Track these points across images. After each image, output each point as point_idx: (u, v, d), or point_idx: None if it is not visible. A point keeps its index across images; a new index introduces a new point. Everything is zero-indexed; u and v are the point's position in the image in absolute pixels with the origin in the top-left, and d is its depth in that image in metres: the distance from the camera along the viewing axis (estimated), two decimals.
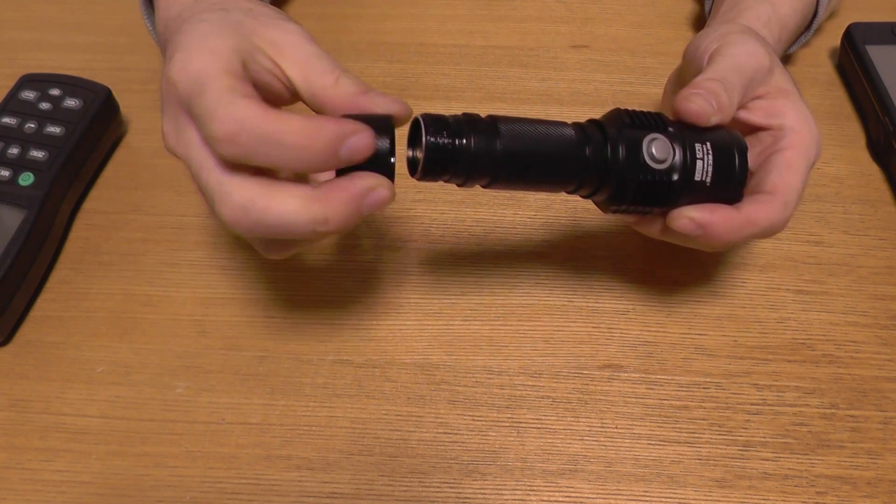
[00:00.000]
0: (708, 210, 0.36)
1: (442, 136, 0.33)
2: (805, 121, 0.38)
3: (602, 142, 0.35)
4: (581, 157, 0.35)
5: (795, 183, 0.37)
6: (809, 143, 0.38)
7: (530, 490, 0.38)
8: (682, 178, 0.36)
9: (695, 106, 0.36)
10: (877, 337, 0.43)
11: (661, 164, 0.35)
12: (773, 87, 0.39)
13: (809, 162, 0.38)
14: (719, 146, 0.37)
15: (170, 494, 0.38)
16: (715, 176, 0.36)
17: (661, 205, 0.37)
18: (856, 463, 0.39)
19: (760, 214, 0.36)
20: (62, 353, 0.43)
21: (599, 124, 0.36)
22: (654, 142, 0.36)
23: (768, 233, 0.37)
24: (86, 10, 0.61)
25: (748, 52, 0.39)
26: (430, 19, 0.60)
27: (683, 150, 0.36)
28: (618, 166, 0.35)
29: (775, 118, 0.38)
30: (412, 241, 0.47)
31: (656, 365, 0.42)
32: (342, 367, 0.42)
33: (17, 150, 0.46)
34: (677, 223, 0.36)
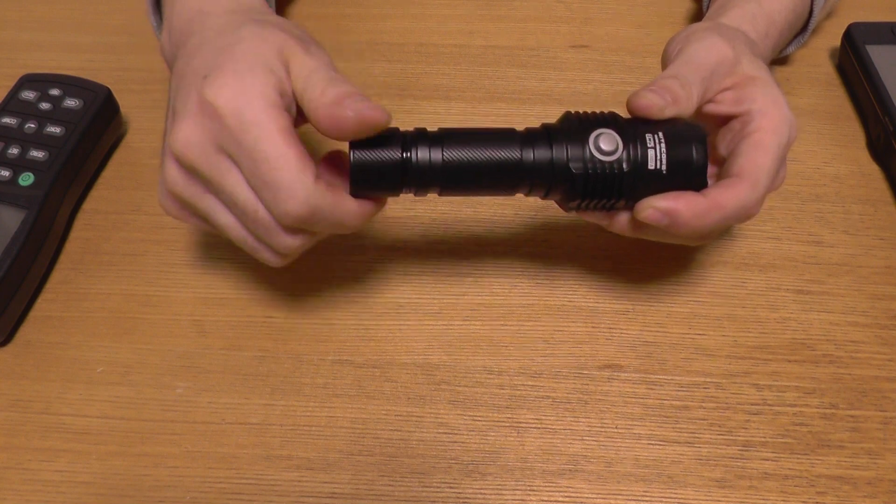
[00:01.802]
0: (672, 197, 0.36)
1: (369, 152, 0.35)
2: (774, 103, 0.38)
3: (546, 144, 0.36)
4: (524, 160, 0.36)
5: (764, 163, 0.37)
6: (779, 124, 0.37)
7: (530, 490, 0.38)
8: (633, 168, 0.36)
9: (644, 100, 0.37)
10: (877, 337, 0.43)
11: (609, 156, 0.36)
12: (741, 77, 0.39)
13: (781, 142, 0.37)
14: (673, 135, 0.37)
15: (170, 494, 0.38)
16: (671, 164, 0.36)
17: (617, 197, 0.37)
18: (856, 463, 0.39)
19: (727, 197, 0.36)
20: (62, 353, 0.43)
21: (549, 128, 0.37)
22: (600, 136, 0.36)
23: (740, 216, 0.37)
24: (86, 10, 0.61)
25: (707, 47, 0.39)
26: (430, 19, 0.60)
27: (633, 140, 0.36)
28: (562, 163, 0.36)
29: (743, 104, 0.38)
30: (412, 241, 0.47)
31: (656, 365, 0.42)
32: (342, 367, 0.42)
33: (17, 150, 0.46)
34: (643, 214, 0.36)
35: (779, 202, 0.49)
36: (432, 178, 0.36)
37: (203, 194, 0.36)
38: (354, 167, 0.35)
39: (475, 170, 0.36)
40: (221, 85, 0.33)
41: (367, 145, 0.35)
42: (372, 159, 0.35)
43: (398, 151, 0.35)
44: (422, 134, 0.36)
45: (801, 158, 0.51)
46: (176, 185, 0.36)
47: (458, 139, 0.36)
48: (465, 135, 0.37)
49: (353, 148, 0.35)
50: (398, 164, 0.35)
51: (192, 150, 0.34)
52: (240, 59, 0.34)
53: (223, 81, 0.33)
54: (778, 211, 0.49)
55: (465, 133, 0.37)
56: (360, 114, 0.33)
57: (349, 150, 0.35)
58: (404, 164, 0.35)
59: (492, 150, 0.36)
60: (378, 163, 0.35)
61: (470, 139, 0.36)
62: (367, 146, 0.35)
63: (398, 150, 0.35)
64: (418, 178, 0.36)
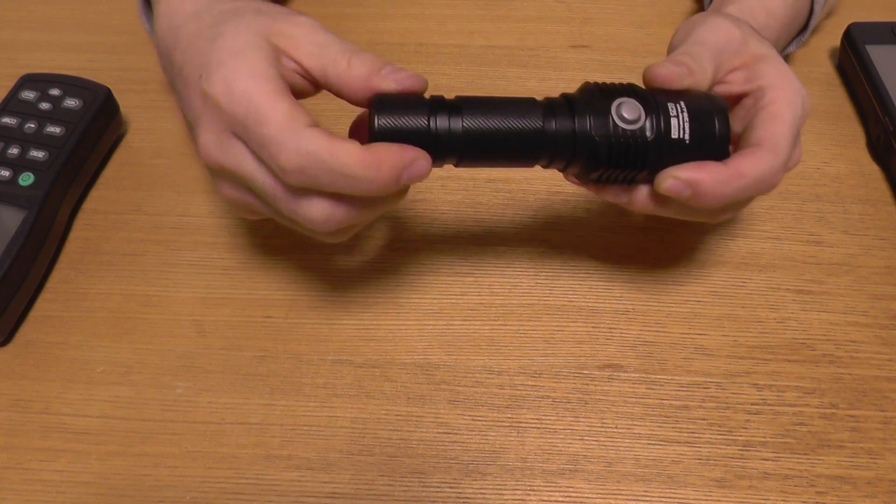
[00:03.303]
0: (694, 167, 0.35)
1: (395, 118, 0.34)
2: (785, 76, 0.38)
3: (569, 112, 0.36)
4: (546, 130, 0.35)
5: (781, 132, 0.36)
6: (792, 96, 0.37)
7: (530, 490, 0.38)
8: (657, 136, 0.35)
9: (663, 70, 0.37)
10: (877, 337, 0.43)
11: (632, 125, 0.35)
12: (749, 55, 0.39)
13: (795, 113, 0.37)
14: (694, 104, 0.36)
15: (170, 494, 0.38)
16: (694, 134, 0.36)
17: (640, 167, 0.36)
18: (856, 463, 0.39)
19: (748, 165, 0.36)
20: (62, 353, 0.43)
21: (569, 97, 0.37)
22: (623, 104, 0.35)
23: (763, 185, 0.36)
24: (86, 10, 0.61)
25: (712, 28, 0.39)
26: (430, 19, 0.60)
27: (656, 109, 0.36)
28: (586, 132, 0.35)
29: (754, 82, 0.38)
30: (412, 241, 0.47)
31: (656, 365, 0.42)
32: (342, 367, 0.42)
33: (17, 150, 0.46)
34: (664, 185, 0.36)
35: (779, 202, 0.49)
36: (451, 148, 0.35)
37: (244, 193, 0.36)
38: (378, 134, 0.33)
39: (496, 140, 0.35)
40: (214, 75, 0.33)
41: (391, 109, 0.34)
42: (397, 126, 0.33)
43: (424, 119, 0.34)
44: (440, 102, 0.35)
45: (802, 158, 0.51)
46: (225, 192, 0.36)
47: (478, 108, 0.35)
48: (486, 103, 0.35)
49: (378, 113, 0.34)
50: (423, 132, 0.34)
51: (212, 151, 0.34)
52: (223, 48, 0.34)
53: (215, 71, 0.33)
54: (778, 211, 0.49)
55: (485, 101, 0.36)
56: (402, 84, 0.33)
57: (371, 113, 0.34)
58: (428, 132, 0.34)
59: (513, 119, 0.35)
60: (403, 130, 0.34)
61: (491, 108, 0.35)
62: (392, 111, 0.34)
63: (424, 117, 0.34)
64: (438, 147, 0.34)
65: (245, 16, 0.36)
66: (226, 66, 0.33)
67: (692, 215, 0.39)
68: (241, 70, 0.33)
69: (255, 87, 0.33)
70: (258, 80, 0.33)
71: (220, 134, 0.34)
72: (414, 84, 0.34)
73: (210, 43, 0.35)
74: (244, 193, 0.36)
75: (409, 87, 0.34)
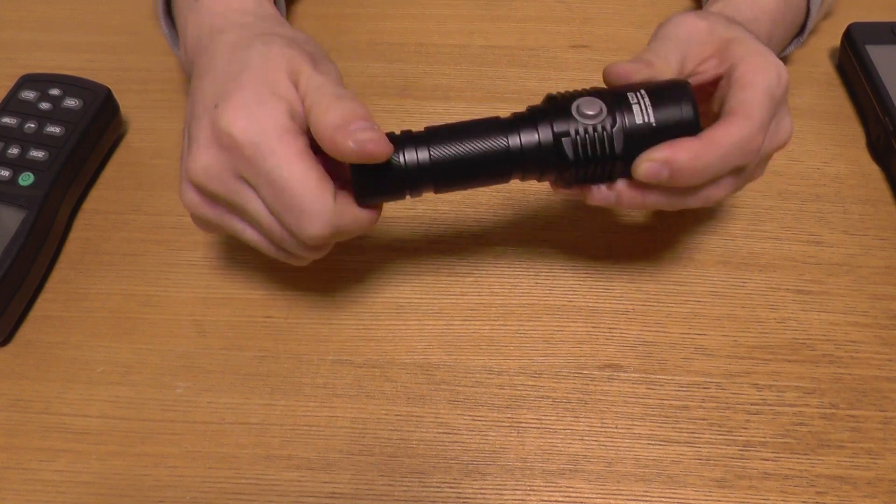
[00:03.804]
0: (666, 146, 0.35)
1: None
2: (756, 51, 0.38)
3: (531, 124, 0.36)
4: (511, 146, 0.36)
5: (752, 97, 0.36)
6: (762, 65, 0.37)
7: (530, 490, 0.38)
8: (620, 125, 0.36)
9: (616, 67, 0.37)
10: (877, 337, 0.43)
11: (593, 119, 0.36)
12: (718, 41, 0.39)
13: (769, 81, 0.37)
14: (655, 89, 0.37)
15: (170, 494, 0.38)
16: (660, 116, 0.36)
17: (611, 157, 0.36)
18: (856, 463, 0.39)
19: (721, 133, 0.36)
20: (62, 353, 0.43)
21: (533, 109, 0.38)
22: (582, 103, 0.36)
23: (741, 150, 0.36)
24: (86, 10, 0.61)
25: (675, 23, 0.40)
26: (430, 19, 0.60)
27: (615, 100, 0.36)
28: (549, 137, 0.36)
29: (726, 63, 0.38)
30: (412, 241, 0.47)
31: (656, 365, 0.42)
32: (342, 367, 0.42)
33: (17, 150, 0.46)
34: (641, 169, 0.36)
35: (779, 202, 0.49)
36: (425, 178, 0.36)
37: (225, 215, 0.37)
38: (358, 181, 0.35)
39: (465, 164, 0.36)
40: (234, 114, 0.34)
41: None
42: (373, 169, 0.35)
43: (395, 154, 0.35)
44: (407, 136, 0.36)
45: (801, 158, 0.51)
46: (197, 208, 0.37)
47: (444, 136, 0.36)
48: (450, 130, 0.37)
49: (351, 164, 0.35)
50: (396, 167, 0.35)
51: (211, 179, 0.35)
52: (248, 86, 0.34)
53: (235, 111, 0.34)
54: (778, 211, 0.49)
55: (449, 129, 0.37)
56: (361, 147, 0.33)
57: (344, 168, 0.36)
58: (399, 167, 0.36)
59: (477, 141, 0.36)
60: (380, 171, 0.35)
61: (455, 134, 0.36)
62: None
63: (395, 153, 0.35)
64: (411, 180, 0.36)
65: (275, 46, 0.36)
66: (248, 112, 0.34)
67: (683, 200, 0.38)
68: (266, 124, 0.34)
69: (282, 148, 0.33)
70: (284, 138, 0.34)
71: (225, 170, 0.34)
72: (374, 150, 0.34)
73: (237, 72, 0.35)
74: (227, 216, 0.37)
75: (370, 151, 0.34)
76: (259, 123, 0.33)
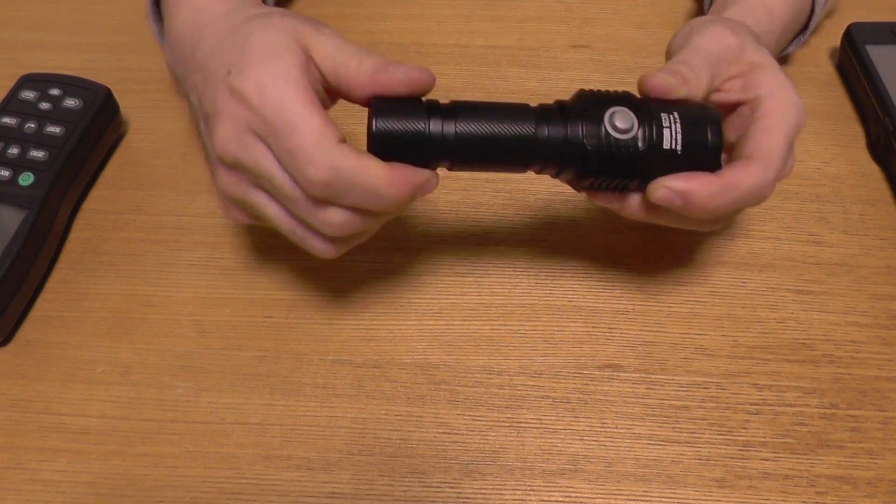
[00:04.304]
0: (685, 178, 0.35)
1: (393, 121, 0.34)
2: (781, 87, 0.38)
3: (561, 119, 0.36)
4: (537, 136, 0.35)
5: (775, 144, 0.36)
6: (787, 107, 0.37)
7: (530, 490, 0.38)
8: (648, 146, 0.35)
9: (657, 80, 0.37)
10: (877, 337, 0.43)
11: (624, 134, 0.35)
12: (746, 64, 0.39)
13: (790, 125, 0.37)
14: (688, 115, 0.36)
15: (170, 494, 0.38)
16: (686, 144, 0.36)
17: (632, 176, 0.36)
18: (856, 463, 0.39)
19: (741, 177, 0.36)
20: (62, 353, 0.43)
21: (563, 104, 0.37)
22: (615, 113, 0.36)
23: (754, 197, 0.36)
24: (86, 10, 0.61)
25: (710, 36, 0.39)
26: (430, 19, 0.60)
27: (649, 119, 0.36)
28: (577, 140, 0.35)
29: (751, 91, 0.38)
30: (412, 241, 0.47)
31: (656, 365, 0.42)
32: (342, 367, 0.42)
33: (17, 150, 0.46)
34: (656, 194, 0.36)
35: (779, 202, 0.49)
36: (445, 152, 0.35)
37: (250, 188, 0.36)
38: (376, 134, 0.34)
39: (488, 145, 0.35)
40: (247, 72, 0.34)
41: (388, 113, 0.34)
42: (394, 129, 0.34)
43: (420, 122, 0.34)
44: (435, 106, 0.35)
45: (801, 158, 0.51)
46: (227, 186, 0.36)
47: (472, 112, 0.35)
48: (480, 108, 0.36)
49: (376, 116, 0.34)
50: (419, 135, 0.34)
51: (230, 144, 0.35)
52: (257, 47, 0.35)
53: (248, 69, 0.34)
54: (778, 211, 0.49)
55: (479, 106, 0.36)
56: (408, 75, 0.34)
57: (370, 115, 0.34)
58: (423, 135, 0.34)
59: (506, 124, 0.35)
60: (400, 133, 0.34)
61: (484, 113, 0.36)
62: (389, 114, 0.34)
63: (421, 120, 0.34)
64: (431, 150, 0.35)
65: (273, 17, 0.36)
66: (259, 67, 0.34)
67: (683, 224, 0.39)
68: (276, 73, 0.34)
69: (289, 94, 0.33)
70: (292, 87, 0.33)
71: (240, 130, 0.34)
72: (420, 77, 0.34)
73: (242, 41, 0.35)
74: (252, 190, 0.36)
75: (416, 79, 0.34)
76: (268, 73, 0.34)
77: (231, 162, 0.35)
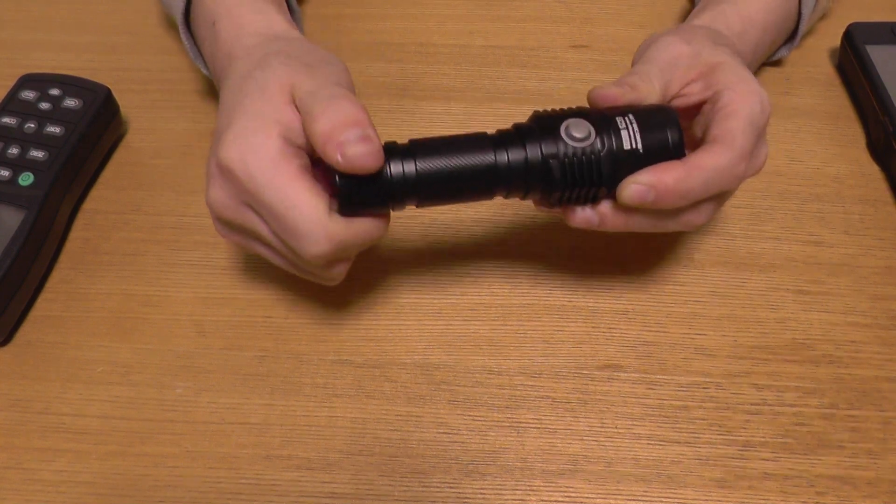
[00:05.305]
0: (651, 170, 0.36)
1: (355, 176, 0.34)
2: (741, 79, 0.38)
3: (519, 142, 0.36)
4: (498, 163, 0.36)
5: (735, 126, 0.37)
6: (746, 94, 0.38)
7: (530, 490, 0.38)
8: (608, 150, 0.36)
9: (602, 90, 0.38)
10: (877, 337, 0.43)
11: (583, 143, 0.36)
12: (704, 66, 0.39)
13: (752, 109, 0.37)
14: (643, 115, 0.37)
15: (170, 494, 0.38)
16: (647, 142, 0.36)
17: (597, 182, 0.36)
18: (856, 463, 0.39)
19: (704, 158, 0.36)
20: (62, 353, 0.43)
21: (519, 127, 0.37)
22: (571, 124, 0.36)
23: (724, 177, 0.37)
24: (86, 10, 0.61)
25: (661, 46, 0.40)
26: (430, 19, 0.60)
27: (605, 125, 0.36)
28: (538, 158, 0.36)
29: (711, 88, 0.39)
30: (412, 241, 0.47)
31: (656, 365, 0.42)
32: (342, 367, 0.42)
33: (16, 150, 0.46)
34: (627, 192, 0.36)
35: (779, 202, 0.49)
36: (409, 192, 0.36)
37: (247, 240, 0.38)
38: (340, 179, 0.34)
39: (451, 179, 0.36)
40: (229, 146, 0.35)
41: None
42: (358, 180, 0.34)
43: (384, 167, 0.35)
44: (392, 148, 0.36)
45: (801, 158, 0.51)
46: (223, 234, 0.39)
47: (430, 150, 0.36)
48: (438, 144, 0.36)
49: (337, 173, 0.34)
50: (381, 179, 0.35)
51: (222, 209, 0.36)
52: (242, 117, 0.35)
53: (231, 144, 0.35)
54: (778, 211, 0.49)
55: (437, 142, 0.36)
56: (349, 162, 0.33)
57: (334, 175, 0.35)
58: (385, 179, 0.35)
59: (464, 157, 0.36)
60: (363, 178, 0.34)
61: (442, 148, 0.36)
62: None
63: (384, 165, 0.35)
64: (396, 192, 0.35)
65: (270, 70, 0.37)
66: (240, 142, 0.34)
67: (664, 224, 0.39)
68: (257, 151, 0.34)
69: (272, 172, 0.34)
70: (274, 164, 0.34)
71: (233, 199, 0.36)
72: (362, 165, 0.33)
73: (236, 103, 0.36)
74: (252, 242, 0.38)
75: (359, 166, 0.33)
76: (252, 153, 0.34)
77: (224, 222, 0.37)
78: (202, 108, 0.54)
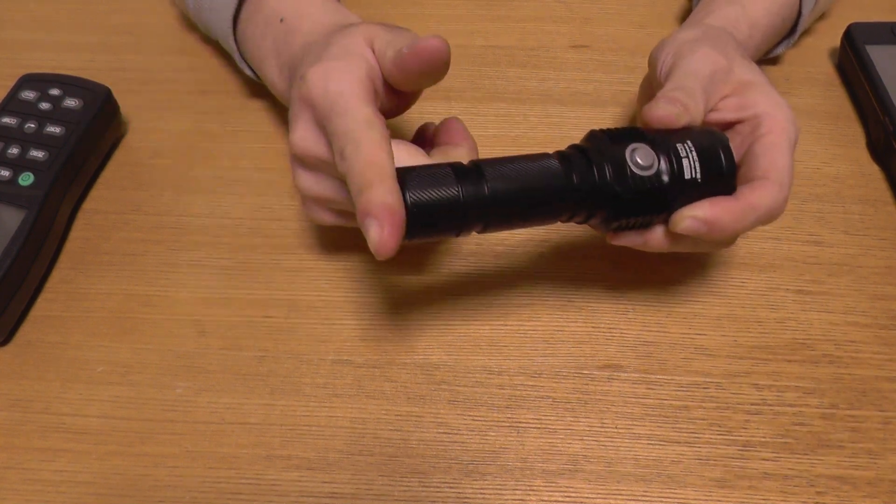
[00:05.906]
0: (708, 205, 0.36)
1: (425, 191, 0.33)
2: (777, 104, 0.39)
3: (586, 165, 0.36)
4: (570, 185, 0.35)
5: (784, 163, 0.37)
6: (786, 124, 0.38)
7: (530, 490, 0.38)
8: (672, 180, 0.36)
9: (660, 111, 0.37)
10: (877, 337, 0.43)
11: (648, 171, 0.36)
12: (737, 83, 0.40)
13: (791, 141, 0.38)
14: (700, 142, 0.37)
15: (170, 494, 0.38)
16: (704, 171, 0.36)
17: (658, 211, 0.37)
18: (856, 463, 0.39)
19: (758, 197, 0.37)
20: (62, 353, 0.43)
21: (581, 148, 0.37)
22: (636, 151, 0.36)
23: (771, 215, 0.37)
24: (86, 10, 0.61)
25: (700, 58, 0.40)
26: (430, 19, 0.60)
27: (667, 153, 0.36)
28: (607, 184, 0.35)
29: (747, 109, 0.39)
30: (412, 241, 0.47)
31: (656, 365, 0.42)
32: (342, 367, 0.42)
33: (17, 150, 0.46)
34: (682, 226, 0.36)
35: None
36: (480, 214, 0.34)
37: (324, 180, 0.38)
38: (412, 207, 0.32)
39: (523, 200, 0.34)
40: (313, 75, 0.36)
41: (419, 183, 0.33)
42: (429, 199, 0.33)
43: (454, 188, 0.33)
44: (461, 169, 0.34)
45: (801, 158, 0.51)
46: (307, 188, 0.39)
47: (500, 170, 0.34)
48: (506, 164, 0.35)
49: (408, 189, 0.33)
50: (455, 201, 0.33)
51: (301, 143, 0.37)
52: (326, 54, 0.37)
53: (314, 72, 0.36)
54: None
55: (504, 162, 0.35)
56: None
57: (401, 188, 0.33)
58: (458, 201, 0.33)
59: (537, 177, 0.34)
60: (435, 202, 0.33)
61: (512, 168, 0.34)
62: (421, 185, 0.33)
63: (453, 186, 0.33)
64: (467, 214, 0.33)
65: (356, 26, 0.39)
66: (326, 65, 0.36)
67: (701, 248, 0.40)
68: (340, 70, 0.36)
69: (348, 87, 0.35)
70: (352, 82, 0.35)
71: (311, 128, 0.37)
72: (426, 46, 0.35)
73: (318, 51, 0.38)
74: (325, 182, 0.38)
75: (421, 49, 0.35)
76: (332, 72, 0.35)
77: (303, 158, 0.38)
78: (202, 108, 0.54)
